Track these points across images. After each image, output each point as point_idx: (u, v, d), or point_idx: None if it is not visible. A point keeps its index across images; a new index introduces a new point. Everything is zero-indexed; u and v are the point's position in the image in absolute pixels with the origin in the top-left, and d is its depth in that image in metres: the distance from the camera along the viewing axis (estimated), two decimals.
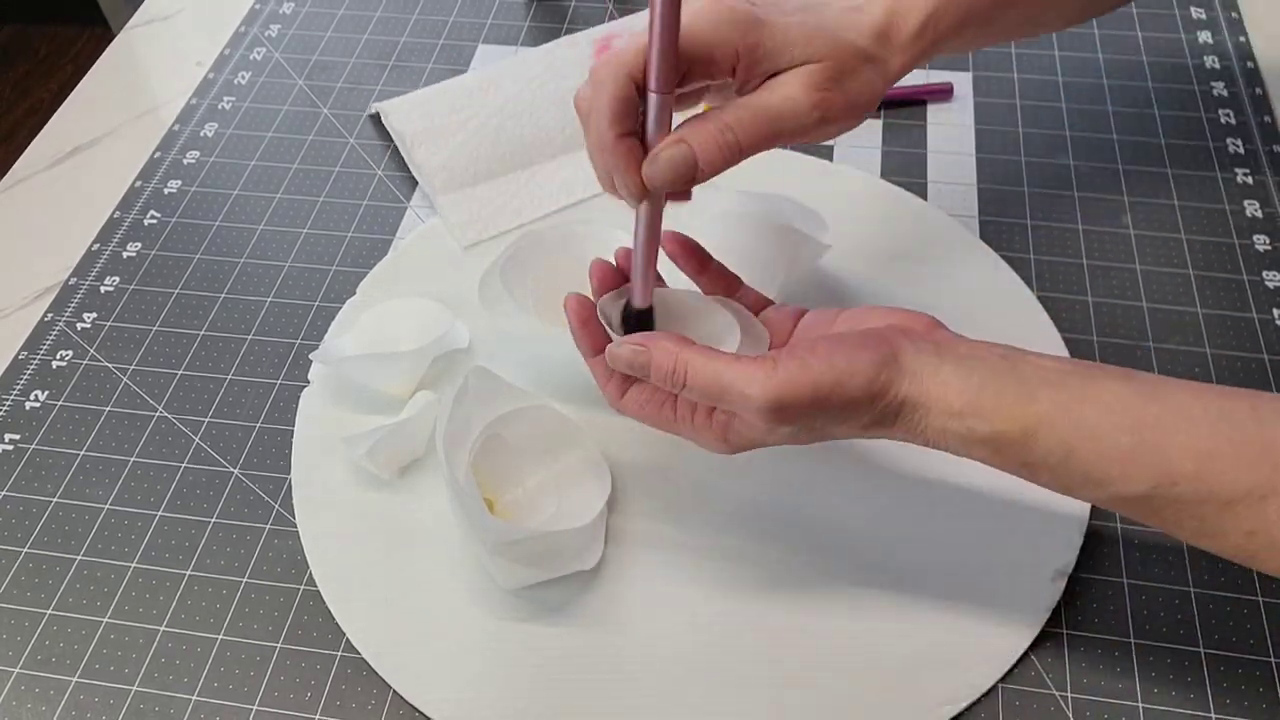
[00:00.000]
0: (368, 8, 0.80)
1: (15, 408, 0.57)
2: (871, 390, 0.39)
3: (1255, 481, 0.36)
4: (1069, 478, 0.38)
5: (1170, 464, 0.36)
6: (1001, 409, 0.38)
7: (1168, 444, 0.37)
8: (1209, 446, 0.36)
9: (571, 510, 0.48)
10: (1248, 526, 0.36)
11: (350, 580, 0.49)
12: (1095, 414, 0.38)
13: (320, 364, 0.57)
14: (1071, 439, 0.38)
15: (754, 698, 0.45)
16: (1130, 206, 0.64)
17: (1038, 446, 0.38)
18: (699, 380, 0.41)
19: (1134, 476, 0.37)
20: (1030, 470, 0.39)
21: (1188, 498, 0.37)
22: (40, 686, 0.47)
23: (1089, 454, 0.38)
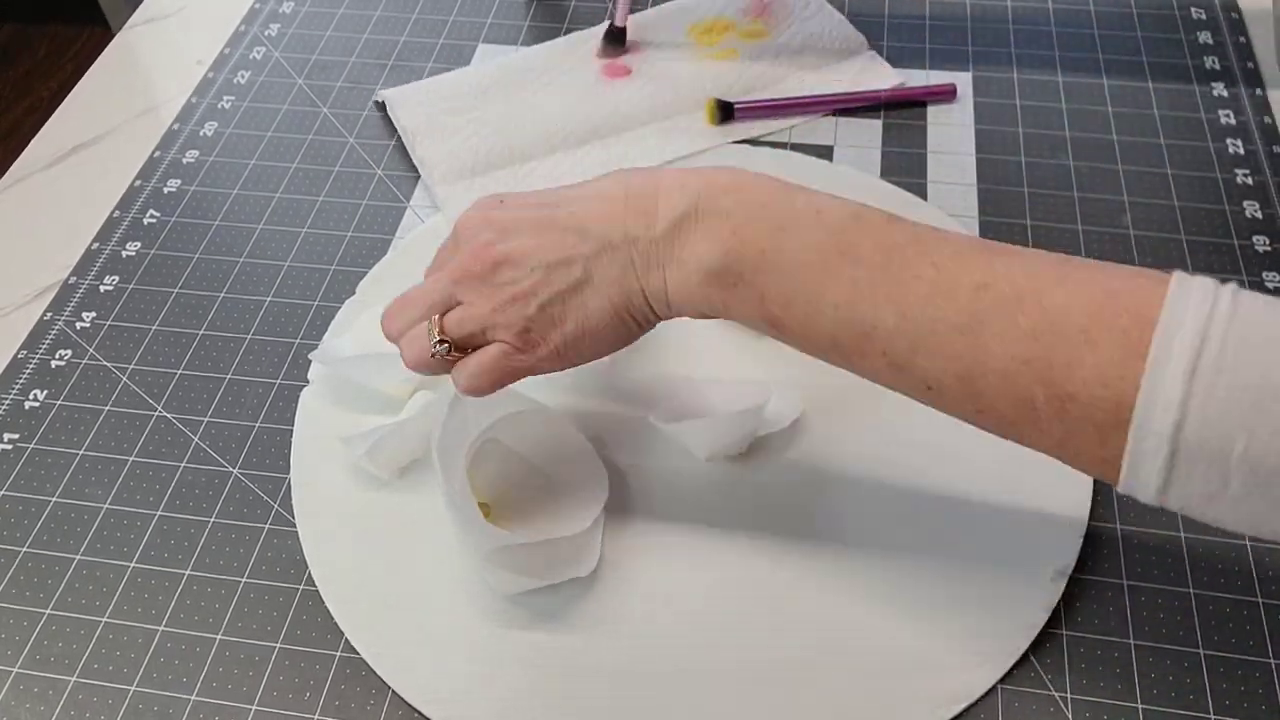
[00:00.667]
0: (368, 7, 0.80)
1: (14, 407, 0.57)
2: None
3: (983, 253, 0.37)
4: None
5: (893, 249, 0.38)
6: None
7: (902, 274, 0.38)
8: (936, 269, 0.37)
9: (568, 516, 0.48)
10: (978, 279, 0.36)
11: (350, 580, 0.49)
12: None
13: (320, 364, 0.57)
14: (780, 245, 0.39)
15: (753, 699, 0.45)
16: (1130, 206, 0.64)
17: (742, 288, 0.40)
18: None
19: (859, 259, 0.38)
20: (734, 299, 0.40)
21: (923, 241, 0.38)
22: (39, 686, 0.47)
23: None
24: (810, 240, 0.39)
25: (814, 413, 0.54)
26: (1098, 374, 0.34)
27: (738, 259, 0.39)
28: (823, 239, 0.39)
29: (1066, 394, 0.35)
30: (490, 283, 0.43)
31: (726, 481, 0.52)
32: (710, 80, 0.71)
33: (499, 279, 0.43)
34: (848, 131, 0.69)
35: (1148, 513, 0.50)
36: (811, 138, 0.69)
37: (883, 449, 0.52)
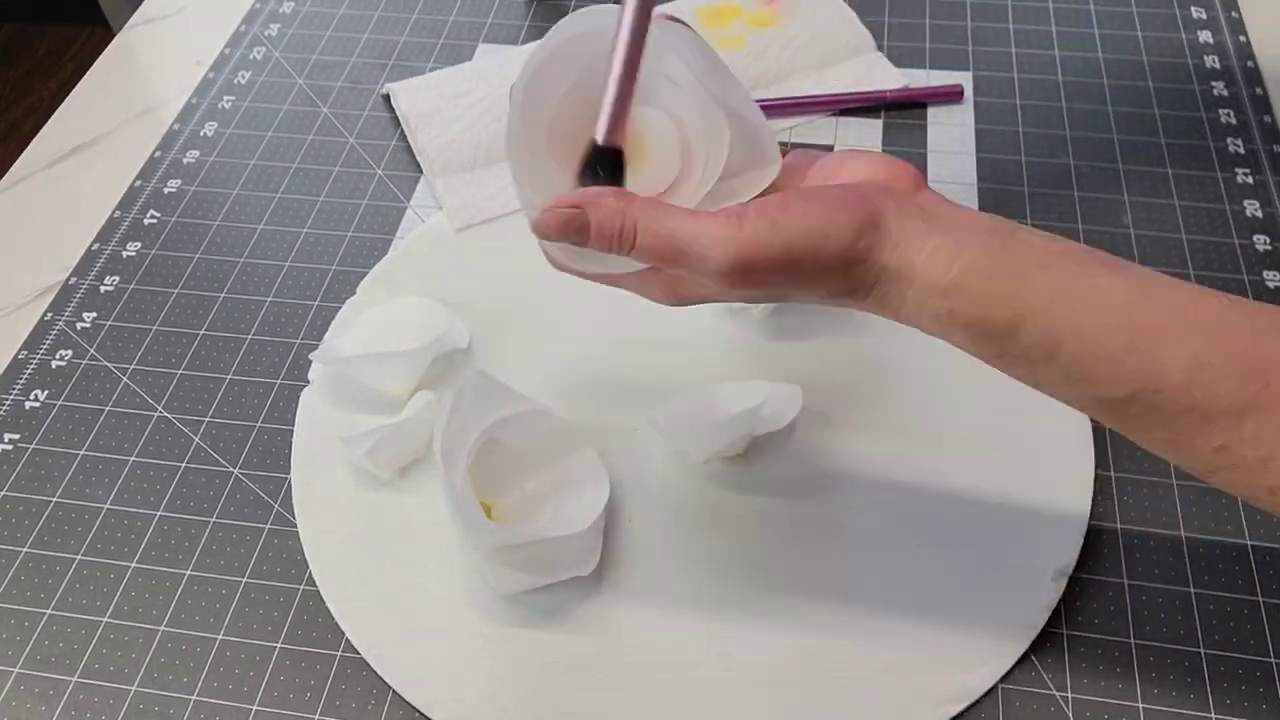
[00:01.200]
0: (368, 7, 0.80)
1: (15, 407, 0.57)
2: (848, 256, 0.35)
3: (1240, 398, 0.33)
4: (1047, 373, 0.36)
5: (1159, 370, 0.34)
6: (991, 292, 0.35)
7: (1159, 349, 0.34)
8: (1202, 356, 0.34)
9: (569, 516, 0.48)
10: (1219, 442, 0.34)
11: (350, 580, 0.49)
12: (1087, 307, 0.35)
13: (320, 364, 0.57)
14: (1060, 333, 0.35)
15: (752, 699, 0.45)
16: (1130, 206, 0.64)
17: (1022, 338, 0.35)
18: (651, 240, 0.36)
19: (1118, 379, 0.34)
20: (1007, 360, 0.36)
21: (1168, 407, 0.34)
22: (40, 686, 0.47)
23: (1076, 351, 0.35)
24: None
25: (811, 413, 0.54)
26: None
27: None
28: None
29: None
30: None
31: (725, 482, 0.52)
32: None
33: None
34: (848, 131, 0.69)
35: (1148, 512, 0.50)
36: (812, 137, 0.69)
37: (881, 448, 0.52)
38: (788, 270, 0.35)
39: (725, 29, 0.74)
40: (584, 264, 0.40)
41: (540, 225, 0.37)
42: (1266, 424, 0.33)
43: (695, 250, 0.35)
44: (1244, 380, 0.33)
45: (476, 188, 0.66)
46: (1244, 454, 0.34)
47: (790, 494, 0.51)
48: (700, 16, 0.75)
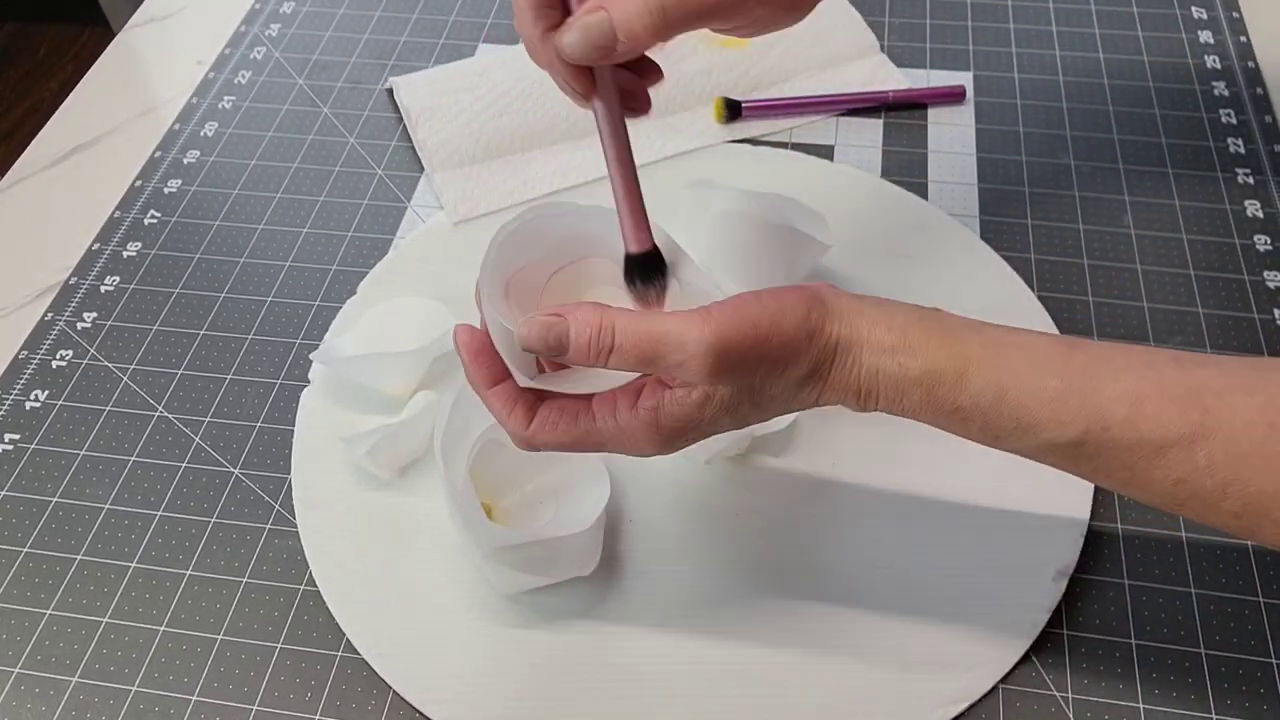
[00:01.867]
0: (368, 7, 0.80)
1: (15, 407, 0.57)
2: (808, 327, 0.37)
3: (1185, 426, 0.35)
4: (1000, 422, 0.37)
5: (1101, 408, 0.36)
6: (931, 345, 0.37)
7: (1098, 388, 0.36)
8: (1138, 391, 0.36)
9: (570, 516, 0.48)
10: (1176, 474, 0.35)
11: (350, 580, 0.49)
12: (1022, 358, 0.37)
13: (320, 364, 0.57)
14: (1003, 379, 0.37)
15: (753, 699, 0.45)
16: (1131, 206, 0.64)
17: (969, 386, 0.37)
18: (630, 340, 0.36)
19: (1066, 421, 0.36)
20: (960, 415, 0.38)
21: (1119, 443, 0.36)
22: (40, 686, 0.47)
23: (1020, 395, 0.36)
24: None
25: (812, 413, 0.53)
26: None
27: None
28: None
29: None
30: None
31: (727, 481, 0.52)
32: (718, 74, 0.71)
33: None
34: (848, 131, 0.69)
35: (1148, 513, 0.50)
36: (812, 137, 0.69)
37: (881, 448, 0.52)
38: (758, 346, 0.37)
39: None
40: (563, 385, 0.40)
41: (525, 336, 0.38)
42: (1215, 449, 0.35)
43: (673, 341, 0.36)
44: (1182, 408, 0.35)
45: (475, 182, 0.66)
46: (1201, 483, 0.35)
47: (791, 494, 0.51)
48: None
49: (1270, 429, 0.34)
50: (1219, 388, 0.35)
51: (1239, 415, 0.35)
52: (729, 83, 0.71)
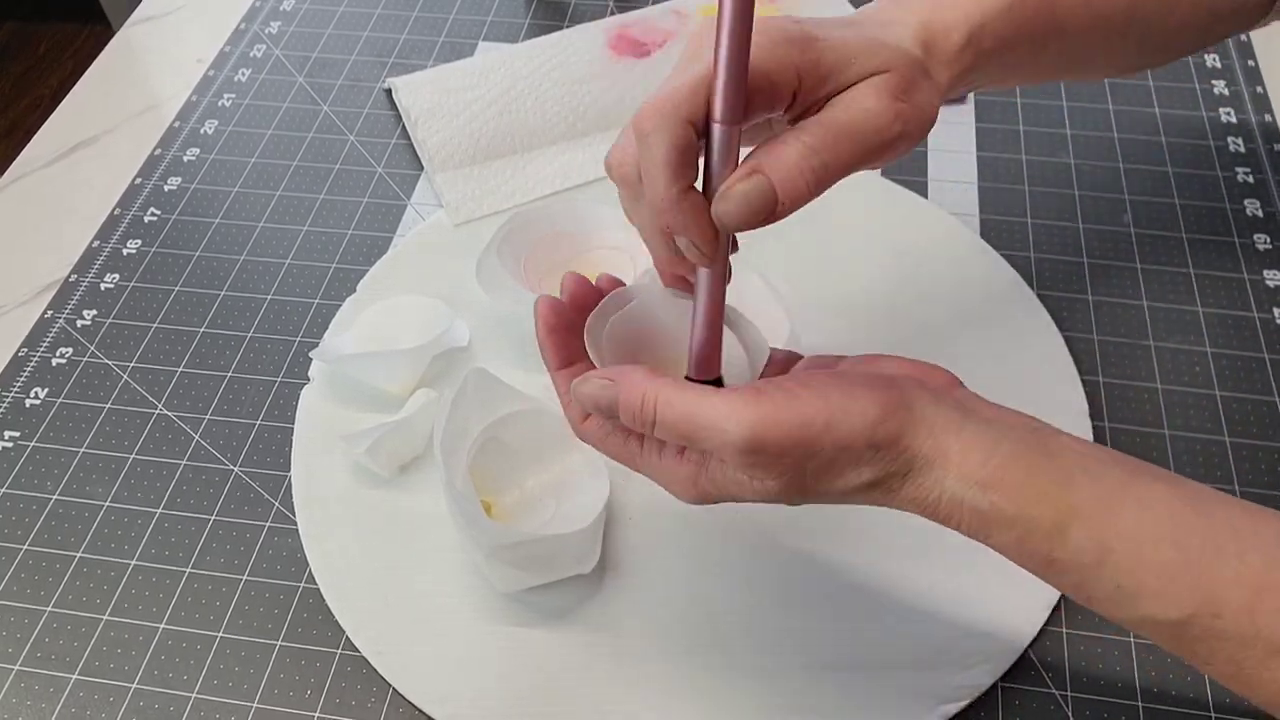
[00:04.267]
0: (368, 5, 0.80)
1: (15, 405, 0.57)
2: (874, 436, 0.34)
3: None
4: (1098, 585, 0.33)
5: (1218, 590, 0.31)
6: (1033, 489, 0.33)
7: (1217, 566, 0.31)
8: (1265, 580, 0.31)
9: (570, 514, 0.48)
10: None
11: (350, 578, 0.49)
12: (1138, 516, 0.32)
13: (320, 361, 0.57)
14: (1109, 540, 0.32)
15: (753, 698, 0.45)
16: (1131, 205, 0.64)
17: (1069, 542, 0.33)
18: (670, 415, 0.35)
19: (1173, 596, 0.32)
20: (1054, 568, 0.34)
21: (1230, 634, 0.31)
22: (40, 684, 0.47)
23: (1127, 561, 0.32)
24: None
25: None
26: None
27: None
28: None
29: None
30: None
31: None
32: None
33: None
34: None
35: None
36: None
37: None
38: (804, 445, 0.34)
39: None
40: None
41: (578, 393, 0.38)
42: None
43: (711, 424, 0.34)
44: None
45: (476, 183, 0.66)
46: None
47: None
48: (702, 14, 0.75)
49: None
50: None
51: None
52: None
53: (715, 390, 0.35)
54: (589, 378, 0.38)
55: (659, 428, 0.36)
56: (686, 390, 0.36)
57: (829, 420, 0.34)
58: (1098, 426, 0.53)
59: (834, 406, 0.34)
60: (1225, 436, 0.53)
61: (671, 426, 0.35)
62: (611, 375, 0.37)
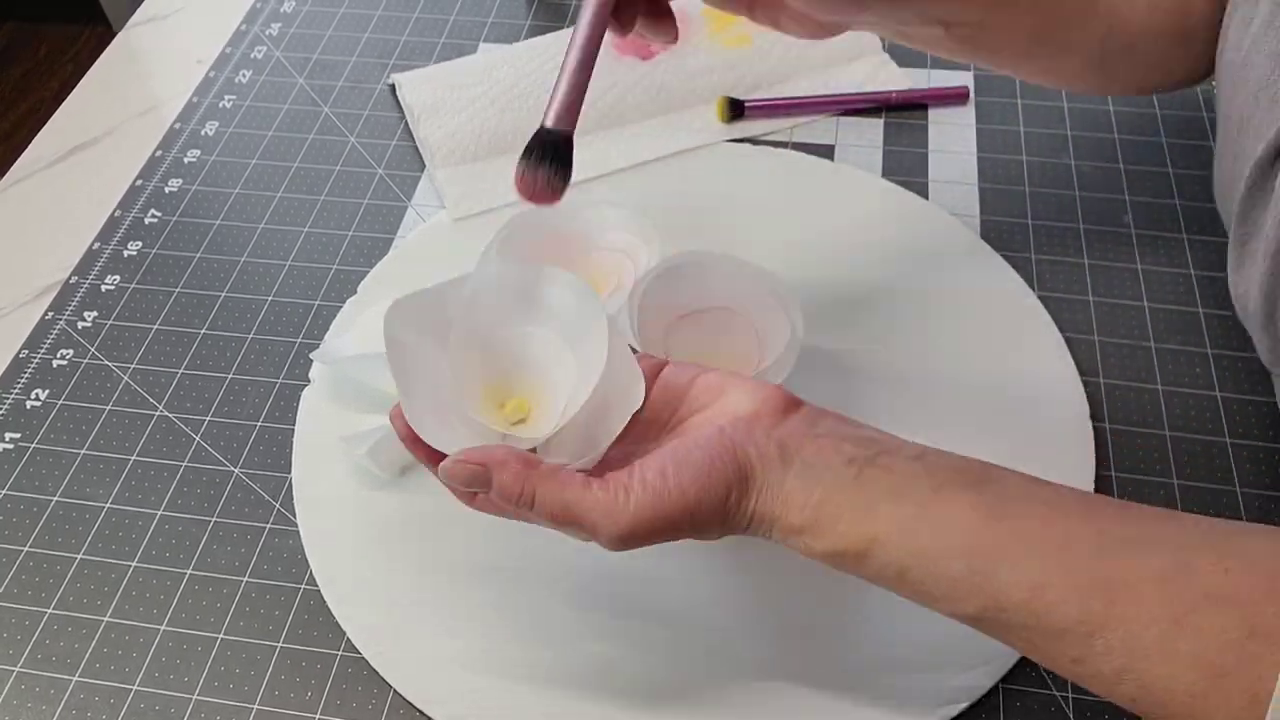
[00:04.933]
0: (369, 6, 0.80)
1: (16, 406, 0.57)
2: (723, 513, 0.39)
3: (1084, 615, 0.35)
4: (902, 591, 0.39)
5: (999, 592, 0.36)
6: (838, 528, 0.38)
7: (999, 572, 0.36)
8: (1041, 579, 0.36)
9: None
10: (1074, 654, 0.36)
11: (350, 580, 0.49)
12: (931, 535, 0.38)
13: (321, 363, 0.57)
14: (904, 560, 0.38)
15: (753, 698, 0.45)
16: (1131, 206, 0.64)
17: (871, 563, 0.38)
18: (547, 508, 0.39)
19: (962, 600, 0.37)
20: (867, 579, 0.40)
21: (1015, 623, 0.37)
22: (41, 685, 0.47)
23: (920, 575, 0.38)
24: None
25: None
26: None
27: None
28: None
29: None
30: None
31: None
32: (720, 73, 0.71)
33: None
34: (849, 131, 0.69)
35: None
36: (813, 137, 0.69)
37: None
38: (671, 533, 0.39)
39: (731, 28, 0.74)
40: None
41: (448, 474, 0.40)
42: (1114, 640, 0.35)
43: (588, 522, 0.38)
44: (1084, 598, 0.35)
45: (477, 179, 0.66)
46: (1098, 667, 0.35)
47: None
48: (706, 16, 0.75)
49: (1174, 624, 0.34)
50: (1133, 577, 0.35)
51: (1144, 609, 0.34)
52: (730, 81, 0.71)
53: (587, 484, 0.39)
54: (457, 463, 0.40)
55: (536, 513, 0.39)
56: (564, 485, 0.39)
57: (687, 510, 0.38)
58: (1098, 427, 0.53)
59: (691, 499, 0.38)
60: (1226, 438, 0.53)
61: (549, 516, 0.39)
62: (482, 459, 0.40)
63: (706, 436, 0.40)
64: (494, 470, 0.39)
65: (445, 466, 0.40)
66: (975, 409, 0.54)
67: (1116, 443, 0.53)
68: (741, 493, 0.39)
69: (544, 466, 0.39)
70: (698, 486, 0.38)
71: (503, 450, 0.40)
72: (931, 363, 0.56)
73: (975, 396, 0.54)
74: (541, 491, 0.39)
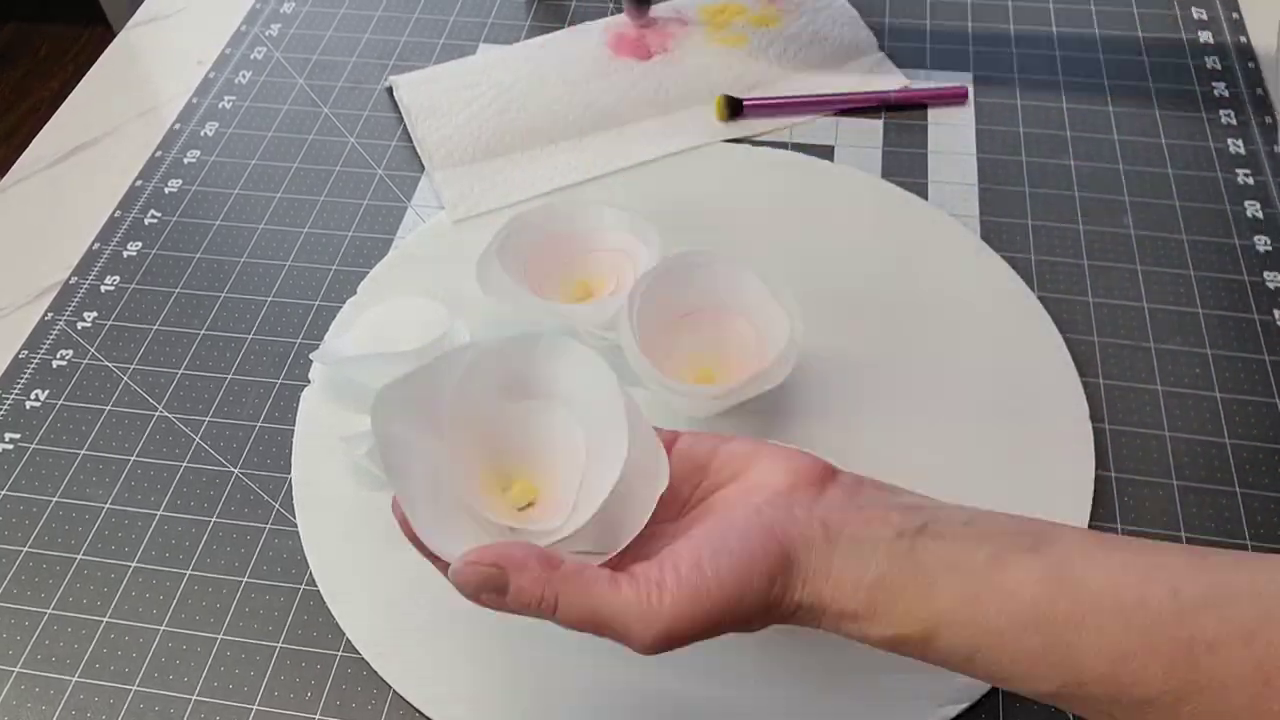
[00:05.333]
0: (369, 7, 0.80)
1: (15, 407, 0.57)
2: (766, 604, 0.36)
3: (1171, 683, 0.33)
4: (974, 673, 0.36)
5: (1080, 666, 0.34)
6: (898, 610, 0.35)
7: (1078, 643, 0.34)
8: (1123, 648, 0.33)
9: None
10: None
11: (350, 580, 0.49)
12: (999, 610, 0.35)
13: (321, 364, 0.57)
14: (975, 639, 0.35)
15: (754, 697, 0.45)
16: (1131, 206, 0.64)
17: (939, 647, 0.35)
18: (574, 614, 0.35)
19: (1041, 677, 0.35)
20: (934, 663, 0.37)
21: (1098, 696, 0.34)
22: (40, 686, 0.47)
23: (994, 654, 0.35)
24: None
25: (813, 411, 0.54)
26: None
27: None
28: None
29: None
30: None
31: None
32: (717, 73, 0.71)
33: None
34: (848, 131, 0.69)
35: (1148, 513, 0.50)
36: (812, 137, 0.69)
37: (882, 448, 0.52)
38: (712, 631, 0.36)
39: (727, 27, 0.74)
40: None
41: (458, 579, 0.36)
42: (1202, 707, 0.33)
43: (619, 627, 0.35)
44: (1170, 667, 0.33)
45: (475, 180, 0.66)
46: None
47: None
48: (703, 15, 0.75)
49: (1265, 685, 0.32)
50: (1215, 638, 0.33)
51: (1232, 672, 0.32)
52: (728, 80, 0.71)
53: (616, 585, 0.35)
54: (468, 564, 0.36)
55: (560, 620, 0.36)
56: (590, 586, 0.35)
57: (727, 609, 0.35)
58: (1098, 428, 0.53)
59: (730, 596, 0.35)
60: (1225, 438, 0.53)
61: (575, 622, 0.36)
62: (499, 560, 0.36)
63: (743, 520, 0.37)
64: (511, 573, 0.35)
65: (456, 570, 0.36)
66: (975, 409, 0.54)
67: (1116, 443, 0.53)
68: (786, 582, 0.36)
69: (566, 567, 0.36)
70: (737, 578, 0.35)
71: (520, 549, 0.36)
72: (931, 363, 0.56)
73: (975, 397, 0.54)
74: (565, 596, 0.35)
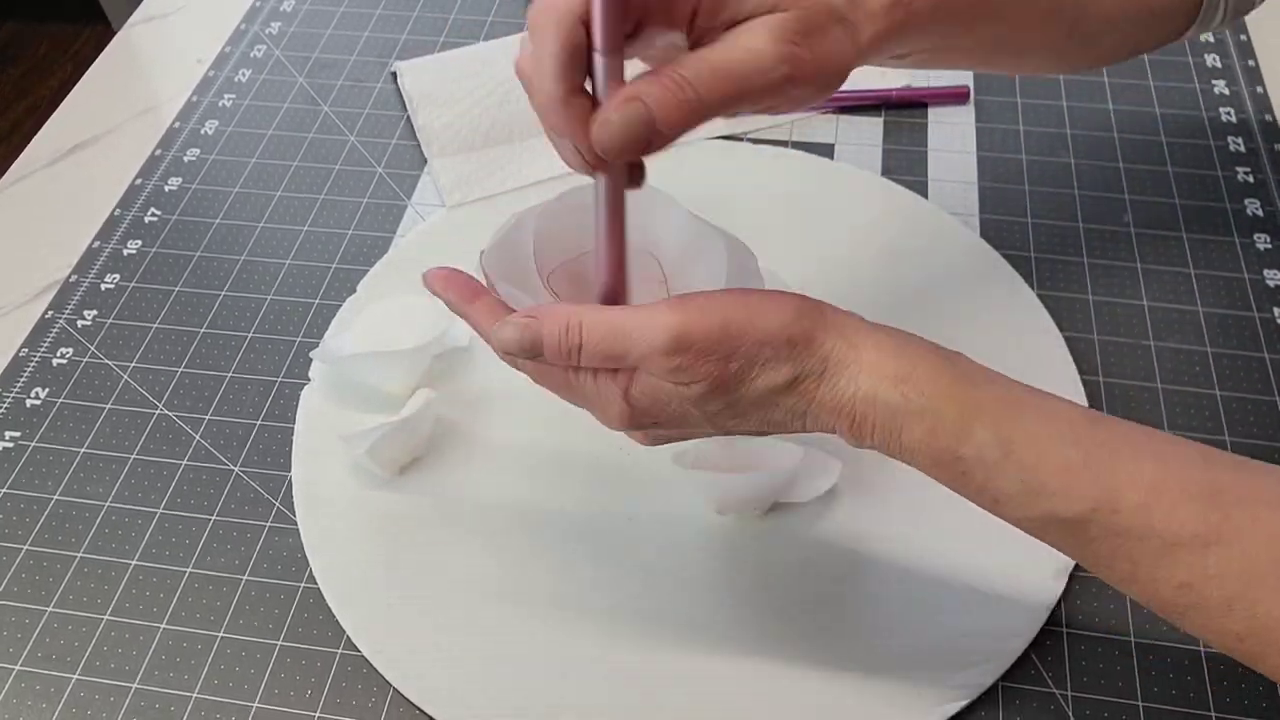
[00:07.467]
0: (369, 5, 0.80)
1: (16, 405, 0.57)
2: (790, 331, 0.35)
3: (1201, 526, 0.32)
4: (1002, 482, 0.34)
5: (1117, 488, 0.33)
6: (941, 384, 0.34)
7: (1116, 466, 0.33)
8: (1158, 479, 0.33)
9: None
10: (1182, 577, 0.33)
11: (350, 578, 0.49)
12: (1039, 418, 0.34)
13: (320, 362, 0.57)
14: (1013, 437, 0.34)
15: (754, 696, 0.45)
16: (1131, 205, 0.64)
17: (975, 435, 0.34)
18: (593, 334, 0.35)
19: (1075, 493, 0.33)
20: (962, 468, 0.35)
21: (1127, 530, 0.33)
22: (41, 684, 0.47)
23: (1030, 458, 0.34)
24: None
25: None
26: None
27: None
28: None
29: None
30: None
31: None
32: None
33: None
34: (848, 129, 0.69)
35: None
36: (812, 135, 0.69)
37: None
38: (727, 343, 0.35)
39: None
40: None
41: (500, 339, 0.38)
42: (1230, 559, 0.32)
43: (636, 330, 0.35)
44: (1203, 508, 0.32)
45: (474, 166, 0.67)
46: (1208, 593, 0.32)
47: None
48: None
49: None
50: (1244, 495, 0.32)
51: (1261, 528, 0.32)
52: None
53: (638, 306, 0.36)
54: (507, 321, 0.37)
55: (585, 349, 0.36)
56: (610, 309, 0.36)
57: (749, 317, 0.35)
58: None
59: (753, 307, 0.35)
60: (1225, 436, 0.53)
61: (597, 345, 0.36)
62: (533, 312, 0.37)
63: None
64: (541, 316, 0.36)
65: (497, 331, 0.38)
66: None
67: None
68: (815, 323, 0.35)
69: (590, 304, 0.37)
70: (761, 298, 0.35)
71: (549, 304, 0.37)
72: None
73: None
74: (588, 317, 0.36)
